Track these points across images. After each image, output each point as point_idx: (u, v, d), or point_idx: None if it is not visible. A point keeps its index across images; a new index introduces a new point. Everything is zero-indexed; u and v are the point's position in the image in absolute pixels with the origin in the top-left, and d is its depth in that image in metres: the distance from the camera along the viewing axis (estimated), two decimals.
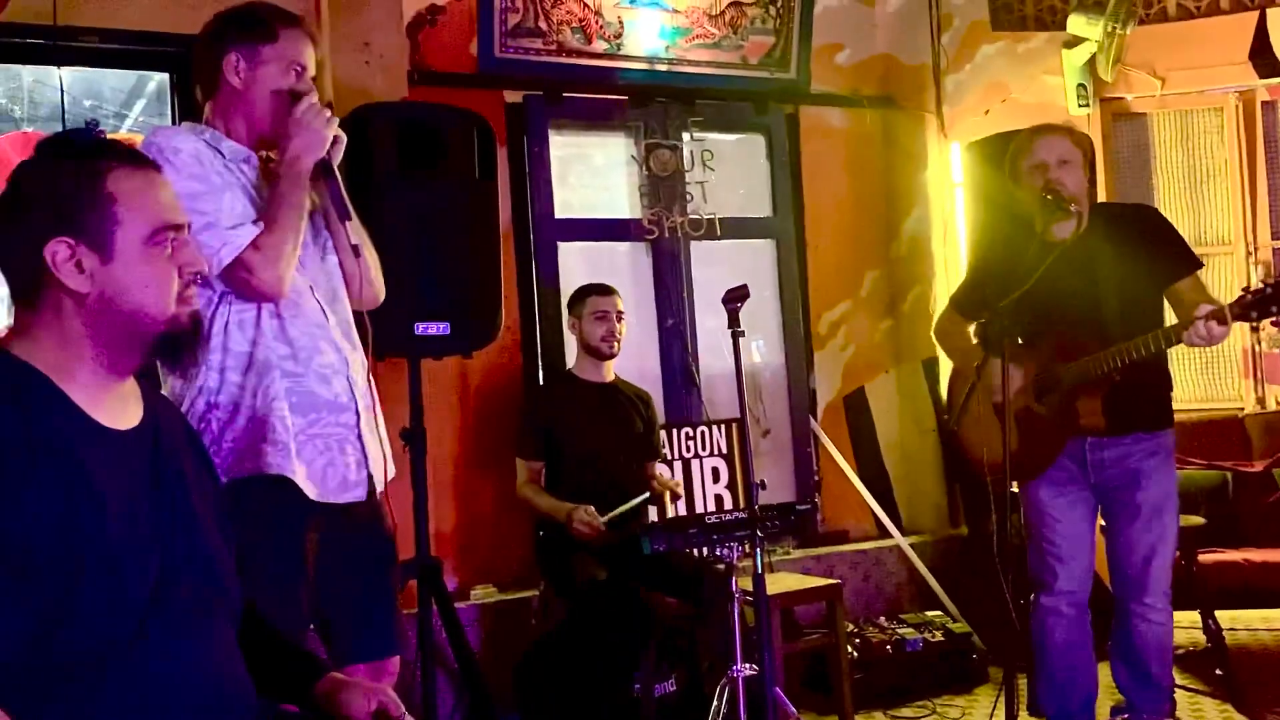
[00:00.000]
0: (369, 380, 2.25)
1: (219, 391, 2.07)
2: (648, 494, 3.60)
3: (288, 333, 2.13)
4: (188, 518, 1.49)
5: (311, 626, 2.24)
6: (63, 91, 3.55)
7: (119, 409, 1.50)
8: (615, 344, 3.69)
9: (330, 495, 2.15)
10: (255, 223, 2.09)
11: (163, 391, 2.06)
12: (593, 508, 3.40)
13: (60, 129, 2.88)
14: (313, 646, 2.26)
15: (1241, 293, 2.59)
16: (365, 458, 2.20)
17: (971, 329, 3.17)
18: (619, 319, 3.70)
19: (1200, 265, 2.94)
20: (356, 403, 2.20)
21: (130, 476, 1.45)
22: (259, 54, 2.17)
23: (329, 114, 2.17)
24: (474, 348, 3.34)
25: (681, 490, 3.83)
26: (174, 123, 3.67)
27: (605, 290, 3.72)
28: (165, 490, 1.49)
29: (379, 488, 2.25)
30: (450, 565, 3.83)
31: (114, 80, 4.10)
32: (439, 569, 3.20)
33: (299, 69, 2.20)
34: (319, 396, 2.14)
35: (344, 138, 2.22)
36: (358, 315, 2.27)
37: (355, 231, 2.23)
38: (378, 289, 2.35)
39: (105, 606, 1.36)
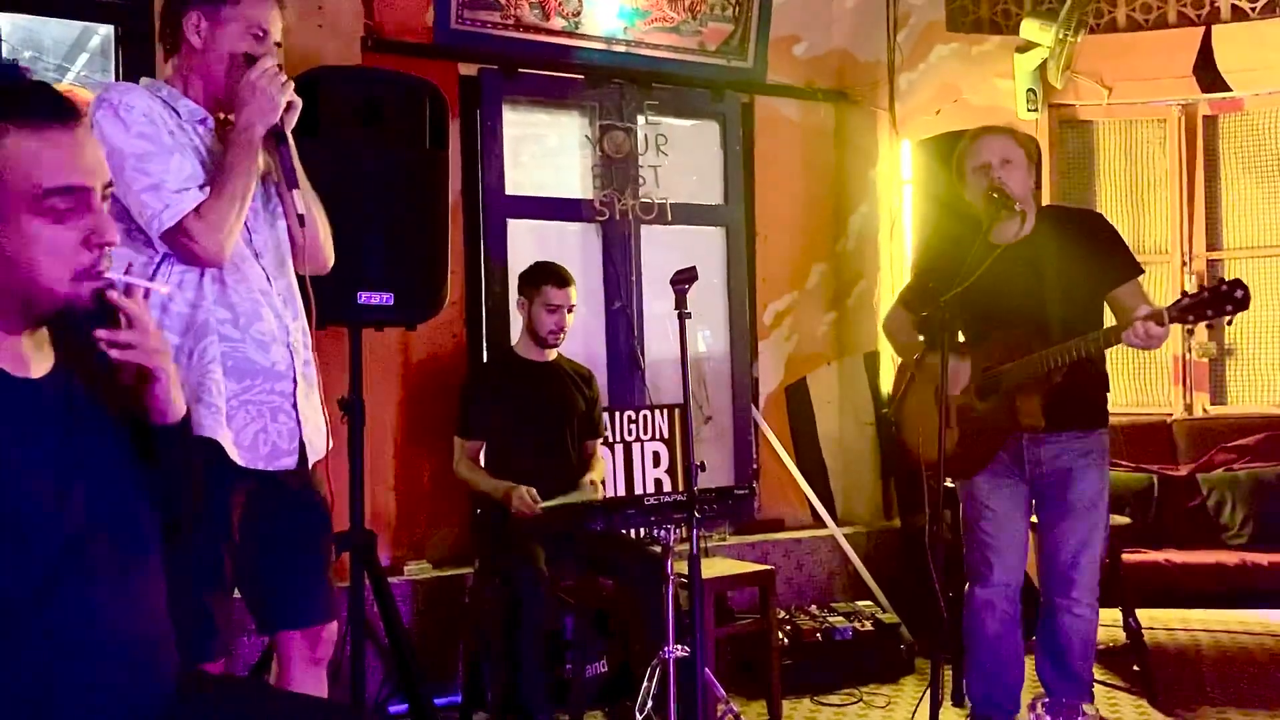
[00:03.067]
0: (311, 350, 2.23)
1: None
2: (592, 497, 3.54)
3: (229, 297, 2.11)
4: (106, 470, 1.44)
5: (238, 594, 2.22)
6: (0, 40, 3.44)
7: (27, 356, 1.44)
8: (561, 336, 3.65)
9: (260, 462, 2.14)
10: (202, 188, 2.06)
11: None
12: (534, 489, 3.39)
13: None
14: (239, 614, 2.24)
15: (1180, 296, 2.67)
16: (299, 426, 2.19)
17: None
18: (569, 311, 3.64)
19: (1141, 271, 3.01)
20: (294, 371, 2.18)
21: (38, 426, 1.40)
22: (220, 14, 2.14)
23: (284, 79, 2.14)
24: (417, 320, 3.30)
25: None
26: (116, 79, 3.58)
27: (562, 281, 3.61)
28: (80, 441, 1.43)
29: (314, 457, 2.24)
30: (385, 540, 3.79)
31: (56, 31, 3.97)
32: (373, 542, 3.16)
33: (260, 32, 2.17)
34: (256, 363, 2.13)
35: (299, 104, 2.19)
36: (301, 282, 2.25)
37: (303, 199, 2.20)
38: (326, 256, 2.34)
39: (8, 562, 1.31)
